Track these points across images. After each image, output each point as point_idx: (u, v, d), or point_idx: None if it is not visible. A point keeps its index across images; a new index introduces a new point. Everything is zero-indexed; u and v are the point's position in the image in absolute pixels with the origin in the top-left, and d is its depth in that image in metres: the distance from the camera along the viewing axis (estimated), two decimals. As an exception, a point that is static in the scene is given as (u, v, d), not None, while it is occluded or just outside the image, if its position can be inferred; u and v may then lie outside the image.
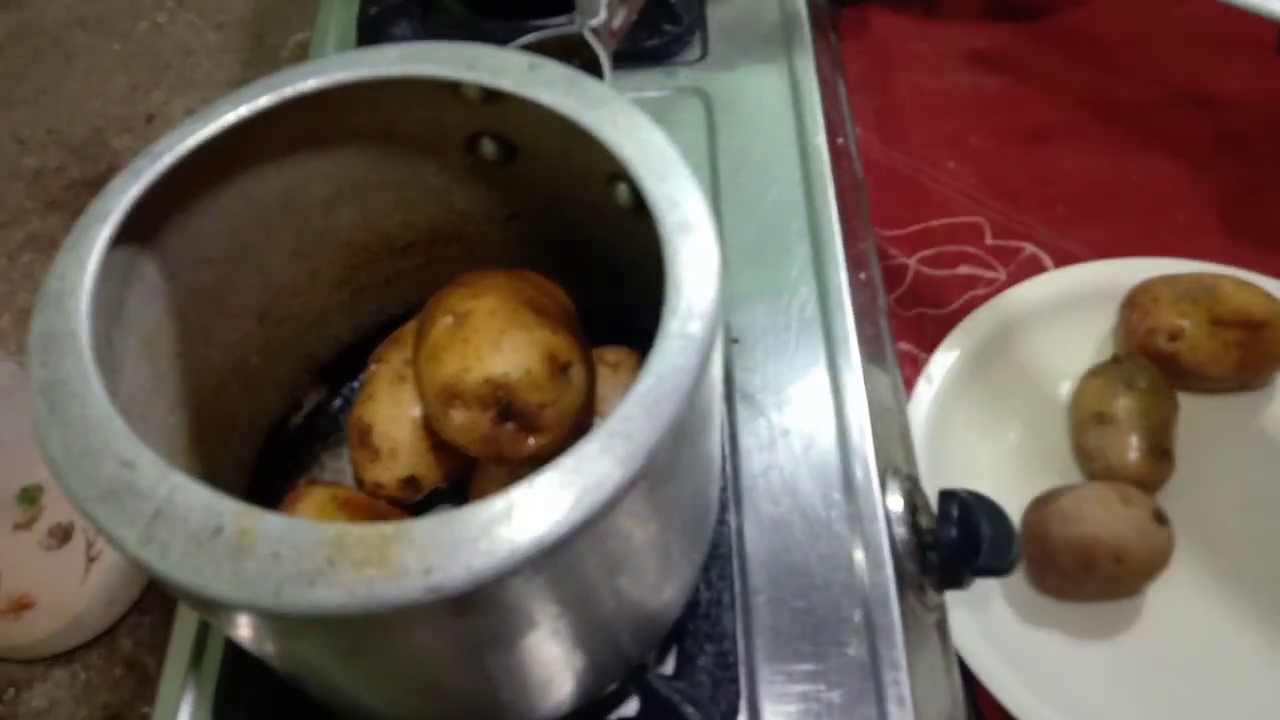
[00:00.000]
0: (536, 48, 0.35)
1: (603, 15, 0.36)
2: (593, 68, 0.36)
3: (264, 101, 0.30)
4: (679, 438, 0.25)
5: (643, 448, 0.23)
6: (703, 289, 0.26)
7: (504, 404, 0.30)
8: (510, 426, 0.31)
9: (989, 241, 0.63)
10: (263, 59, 0.78)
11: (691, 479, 0.30)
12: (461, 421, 0.31)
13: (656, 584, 0.31)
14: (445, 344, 0.31)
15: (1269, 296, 0.54)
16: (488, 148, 0.35)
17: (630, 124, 0.29)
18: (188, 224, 0.32)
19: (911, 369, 0.57)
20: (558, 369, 0.31)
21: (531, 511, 0.22)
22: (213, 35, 0.80)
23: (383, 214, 0.37)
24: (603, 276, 0.36)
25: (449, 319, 0.32)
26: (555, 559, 0.23)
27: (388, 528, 0.21)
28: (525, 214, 0.38)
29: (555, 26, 0.36)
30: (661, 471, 0.25)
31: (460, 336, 0.31)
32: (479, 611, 0.23)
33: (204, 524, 0.22)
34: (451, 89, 0.32)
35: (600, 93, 0.30)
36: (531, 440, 0.31)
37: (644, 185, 0.27)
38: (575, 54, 0.36)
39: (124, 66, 0.81)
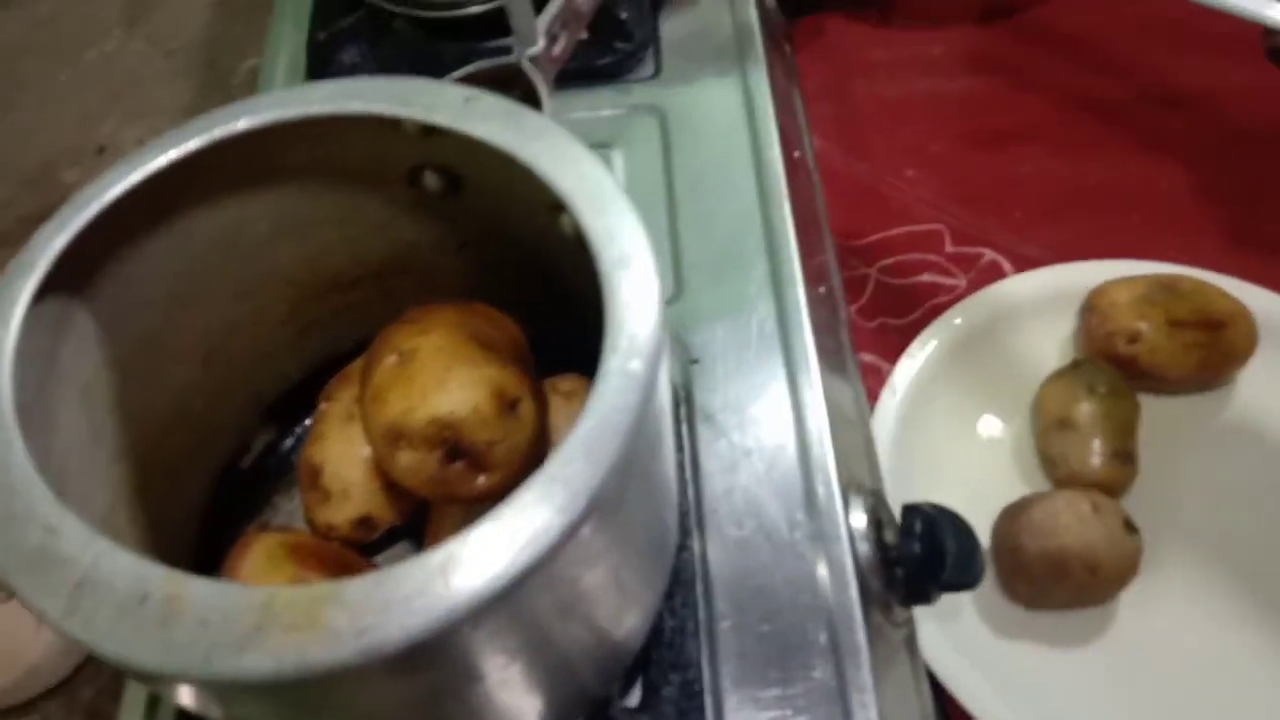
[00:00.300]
0: (475, 79, 0.35)
1: (541, 44, 0.35)
2: (533, 98, 0.36)
3: (192, 145, 0.30)
4: (625, 476, 0.24)
5: (583, 493, 0.23)
6: (643, 324, 0.25)
7: (451, 443, 0.30)
8: (459, 465, 0.30)
9: (949, 249, 0.63)
10: (215, 85, 0.77)
11: (644, 512, 0.29)
12: (408, 462, 0.30)
13: (612, 620, 0.30)
14: (390, 384, 0.31)
15: (1226, 296, 0.54)
16: (430, 180, 0.34)
17: (569, 156, 0.29)
18: (123, 270, 0.32)
19: (875, 380, 0.56)
20: (506, 405, 0.31)
21: (469, 566, 0.21)
22: (164, 62, 0.79)
23: (328, 249, 0.37)
24: (556, 304, 0.36)
25: (394, 357, 0.31)
26: (497, 611, 0.22)
27: (319, 589, 0.21)
28: (474, 244, 0.37)
29: (497, 55, 0.36)
30: (607, 512, 0.24)
31: (405, 375, 0.30)
32: (420, 669, 0.23)
33: (130, 591, 0.21)
34: (391, 123, 0.31)
35: (538, 124, 0.29)
36: (481, 479, 0.31)
37: (582, 219, 0.27)
38: (515, 84, 0.36)
39: (74, 95, 0.80)
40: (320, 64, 0.57)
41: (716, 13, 0.60)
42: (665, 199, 0.51)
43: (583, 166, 0.28)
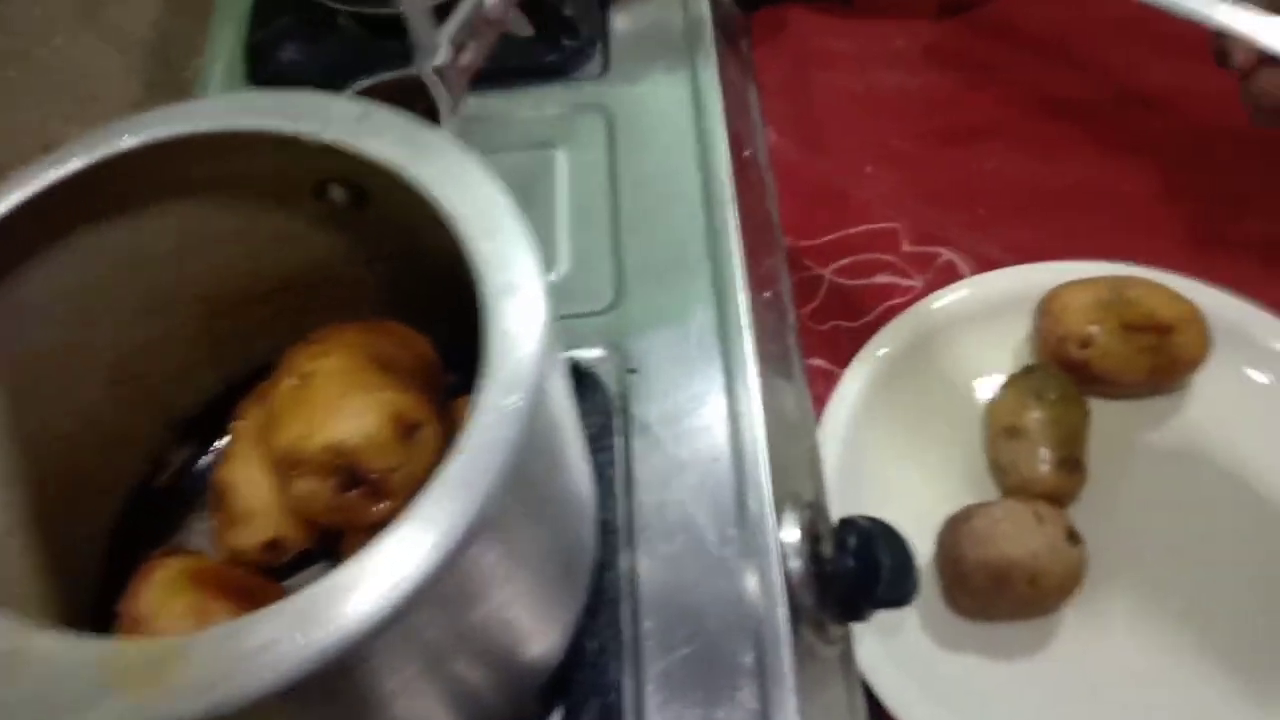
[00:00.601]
0: (378, 91, 0.34)
1: (445, 55, 0.34)
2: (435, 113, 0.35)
3: (75, 165, 0.29)
4: (505, 509, 0.24)
5: (452, 534, 0.22)
6: (524, 357, 0.24)
7: (347, 470, 0.29)
8: (356, 493, 0.29)
9: (905, 248, 0.62)
10: (166, 81, 0.75)
11: (540, 537, 0.29)
12: (303, 490, 0.29)
13: (514, 646, 0.30)
14: (286, 408, 0.30)
15: (1178, 298, 0.53)
16: (337, 194, 0.33)
17: (463, 175, 0.28)
18: (16, 289, 0.31)
19: (826, 386, 0.55)
20: (405, 430, 0.30)
21: (326, 616, 0.21)
22: (115, 58, 0.77)
23: (236, 264, 0.36)
24: (471, 319, 0.35)
25: (292, 380, 0.30)
26: (362, 659, 0.21)
27: (164, 645, 0.20)
28: (385, 258, 0.36)
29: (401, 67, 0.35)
30: (486, 545, 0.24)
31: (300, 400, 0.30)
32: (286, 717, 0.22)
33: (-30, 646, 0.20)
34: (290, 138, 0.30)
35: (434, 142, 0.28)
36: (381, 506, 0.30)
37: (467, 244, 0.26)
38: (422, 96, 0.34)
39: (25, 93, 0.78)
40: (259, 63, 0.56)
41: (668, 8, 0.59)
42: (609, 201, 0.50)
43: (478, 188, 0.28)
